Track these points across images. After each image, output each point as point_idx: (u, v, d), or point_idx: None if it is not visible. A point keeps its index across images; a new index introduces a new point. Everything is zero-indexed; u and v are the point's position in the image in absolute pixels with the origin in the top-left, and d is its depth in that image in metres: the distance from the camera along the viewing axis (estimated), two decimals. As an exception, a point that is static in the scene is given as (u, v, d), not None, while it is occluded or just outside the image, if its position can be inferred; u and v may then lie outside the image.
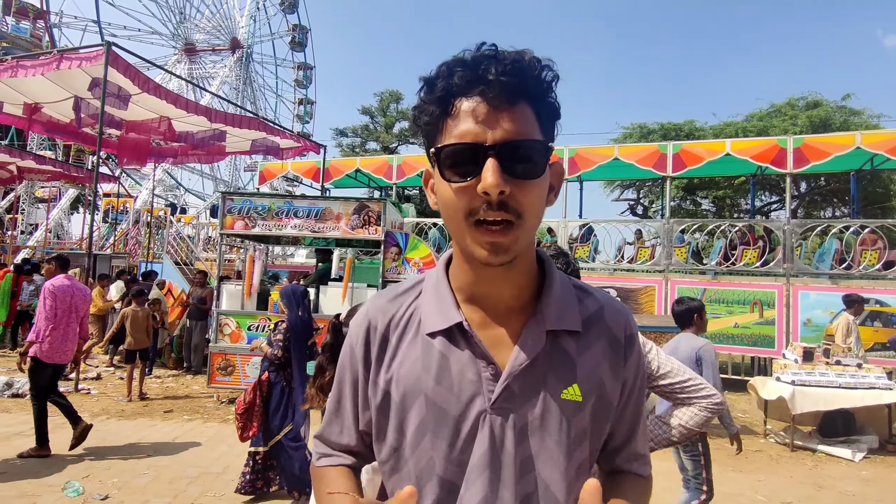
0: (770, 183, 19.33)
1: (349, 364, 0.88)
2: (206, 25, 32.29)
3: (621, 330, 0.83)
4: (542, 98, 0.73)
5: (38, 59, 8.52)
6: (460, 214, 0.72)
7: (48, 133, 12.55)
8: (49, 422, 5.01)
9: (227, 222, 7.11)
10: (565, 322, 0.79)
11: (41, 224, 21.10)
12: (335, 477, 0.88)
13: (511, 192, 0.69)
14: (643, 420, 0.88)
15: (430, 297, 0.83)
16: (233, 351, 6.94)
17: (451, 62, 0.72)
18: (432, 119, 0.74)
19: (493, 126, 0.69)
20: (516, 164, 0.69)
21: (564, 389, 0.76)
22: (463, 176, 0.70)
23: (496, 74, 0.68)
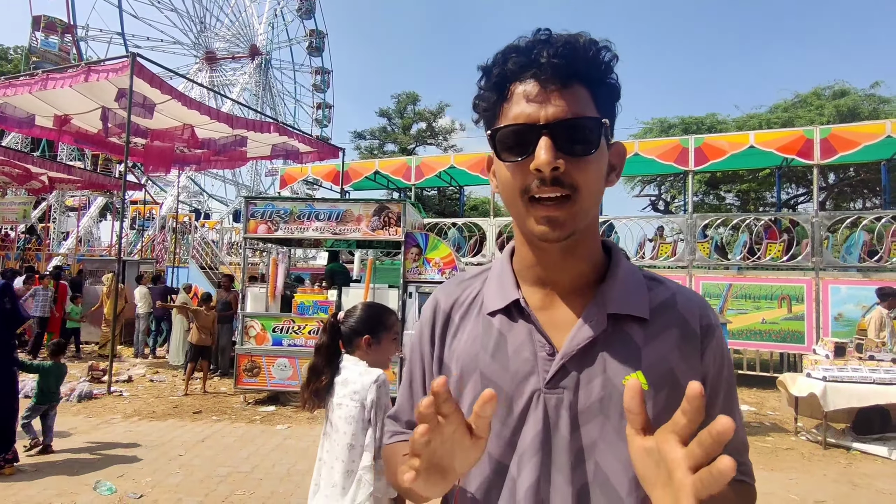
0: (796, 175, 18.87)
1: (418, 343, 0.92)
2: (226, 34, 32.85)
3: (696, 320, 0.79)
4: (597, 79, 0.73)
5: (67, 73, 8.80)
6: (516, 192, 0.73)
7: (77, 144, 12.93)
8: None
9: (251, 226, 7.23)
10: (630, 307, 0.77)
11: (72, 232, 21.73)
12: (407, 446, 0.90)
13: (566, 169, 0.70)
14: (739, 425, 0.80)
15: (493, 280, 0.86)
16: (258, 353, 7.05)
17: (505, 49, 0.74)
18: (489, 105, 0.76)
19: (546, 106, 0.70)
20: (570, 141, 0.70)
21: (627, 376, 0.73)
22: (518, 155, 0.72)
23: (548, 57, 0.70)
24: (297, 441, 5.58)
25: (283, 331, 7.07)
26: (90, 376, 8.00)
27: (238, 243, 15.68)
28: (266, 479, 4.51)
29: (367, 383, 1.83)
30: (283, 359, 7.00)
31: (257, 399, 7.29)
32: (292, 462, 4.93)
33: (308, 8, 35.19)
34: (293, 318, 7.09)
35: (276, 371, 7.01)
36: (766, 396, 8.01)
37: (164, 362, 10.04)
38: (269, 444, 5.45)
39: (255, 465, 4.82)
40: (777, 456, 5.45)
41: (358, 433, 1.81)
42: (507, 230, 11.82)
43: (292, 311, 7.16)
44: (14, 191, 17.67)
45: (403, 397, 0.95)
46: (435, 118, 31.89)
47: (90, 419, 6.16)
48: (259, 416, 6.61)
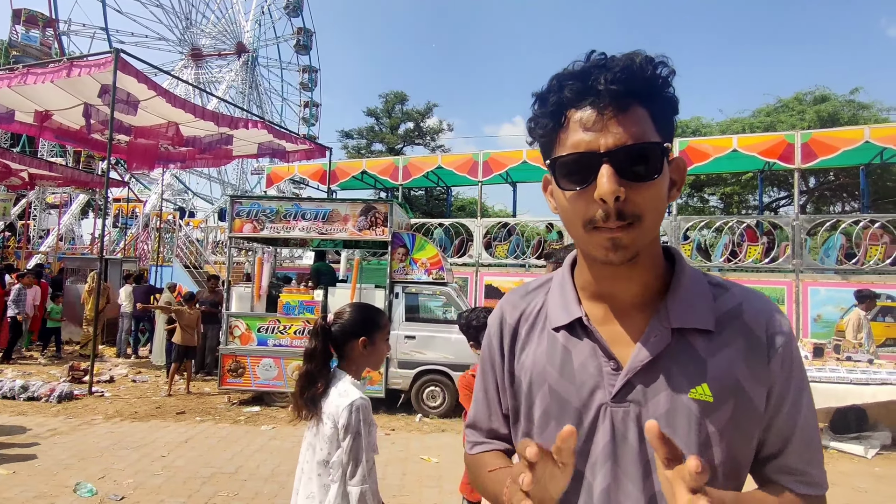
0: (778, 179, 19.21)
1: (488, 355, 0.94)
2: (212, 31, 32.51)
3: (762, 328, 0.78)
4: (656, 97, 0.73)
5: (48, 67, 8.64)
6: (578, 222, 0.74)
7: (58, 140, 12.71)
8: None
9: (236, 225, 7.18)
10: (694, 320, 0.76)
11: (53, 230, 21.35)
12: (492, 458, 0.92)
13: (628, 196, 0.69)
14: (807, 433, 0.78)
15: (556, 293, 0.87)
16: (243, 353, 7.00)
17: (561, 75, 0.74)
18: (546, 132, 0.76)
19: (606, 133, 0.70)
20: (631, 167, 0.70)
21: (693, 388, 0.74)
22: (578, 184, 0.72)
23: (605, 83, 0.69)
24: (281, 442, 5.55)
25: (268, 331, 7.02)
26: (70, 376, 7.87)
27: (223, 242, 15.53)
28: (250, 479, 4.48)
29: (341, 406, 1.77)
30: (269, 359, 6.96)
31: (242, 399, 7.23)
32: (277, 463, 4.90)
33: (295, 5, 34.96)
34: (279, 318, 7.05)
35: (261, 371, 6.96)
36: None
37: (146, 362, 9.91)
38: (254, 445, 5.41)
39: (239, 466, 4.79)
40: (757, 455, 5.54)
41: (332, 451, 1.80)
42: (494, 231, 11.87)
43: (278, 311, 7.12)
44: (-7, 187, 17.33)
45: (480, 406, 0.96)
46: (423, 118, 31.86)
47: (70, 420, 6.07)
48: (243, 416, 6.57)
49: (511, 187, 15.11)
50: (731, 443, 0.75)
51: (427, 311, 7.42)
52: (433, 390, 6.93)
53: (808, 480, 0.78)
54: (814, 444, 0.79)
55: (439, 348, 6.89)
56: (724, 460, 0.75)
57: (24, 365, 9.32)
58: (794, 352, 0.79)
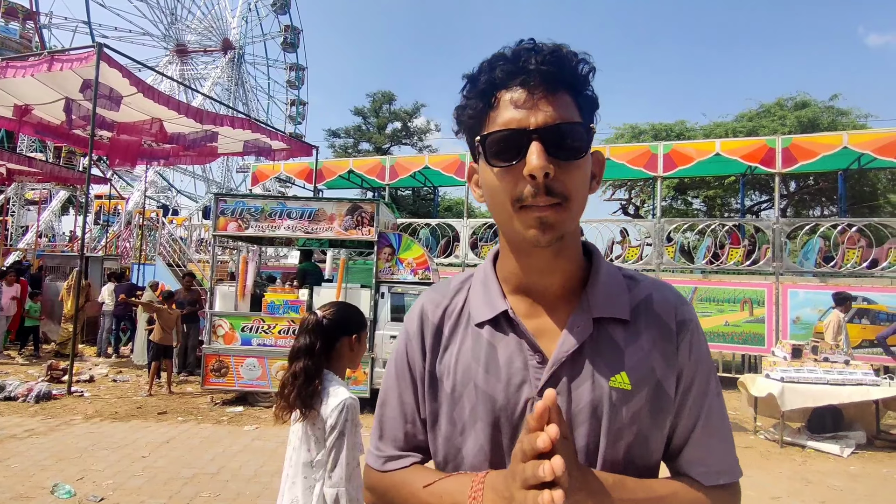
0: (760, 182, 19.52)
1: (406, 357, 0.89)
2: (198, 26, 32.13)
3: (671, 317, 0.80)
4: (580, 88, 0.75)
5: (29, 61, 8.47)
6: (507, 200, 0.73)
7: (38, 135, 12.45)
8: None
9: (220, 224, 7.11)
10: (612, 310, 0.78)
11: (32, 226, 20.91)
12: (419, 473, 0.84)
13: (556, 175, 0.70)
14: (715, 421, 0.80)
15: (478, 289, 0.85)
16: (226, 352, 6.93)
17: (492, 58, 0.75)
18: (476, 113, 0.76)
19: (536, 111, 0.71)
20: (560, 146, 0.71)
21: (612, 377, 0.76)
22: (508, 161, 0.72)
23: (536, 64, 0.71)
24: (265, 442, 5.51)
25: (252, 330, 6.97)
26: (49, 376, 7.73)
27: (207, 241, 15.35)
28: (233, 480, 4.44)
29: (331, 405, 1.76)
30: (253, 359, 6.91)
31: (225, 399, 7.17)
32: (260, 463, 4.87)
33: (283, 3, 34.69)
34: (263, 317, 7.00)
35: (245, 371, 6.90)
36: (728, 397, 8.25)
37: (127, 362, 9.77)
38: (237, 445, 5.37)
39: (221, 467, 4.74)
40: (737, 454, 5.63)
41: (320, 452, 1.79)
42: (480, 231, 11.90)
43: (262, 311, 7.07)
44: (-31, 182, 16.93)
45: (395, 414, 0.89)
46: (410, 118, 31.79)
47: (48, 420, 5.96)
48: (226, 416, 6.51)
49: (498, 188, 15.10)
50: (646, 430, 0.77)
51: (413, 311, 7.40)
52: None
53: (717, 469, 0.79)
54: (722, 430, 0.81)
55: (425, 348, 6.88)
56: (638, 448, 0.77)
57: (1, 364, 9.13)
58: (700, 339, 0.82)
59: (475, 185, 0.83)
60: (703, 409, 0.80)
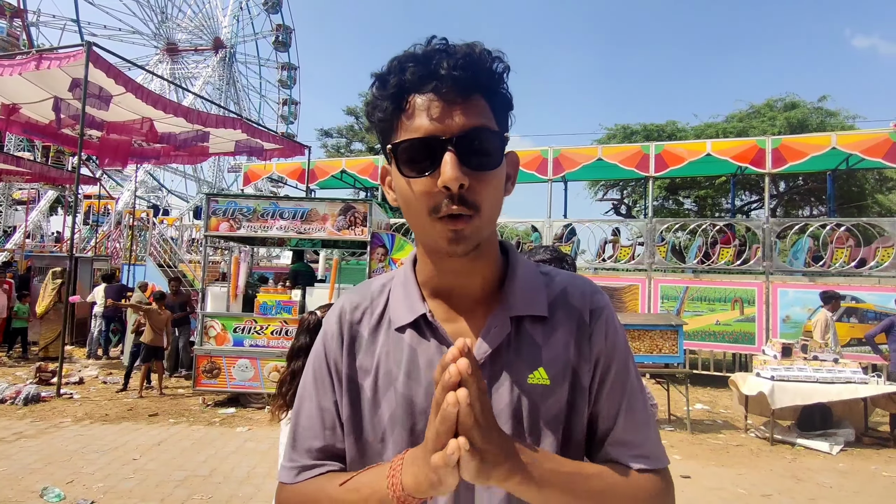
0: (750, 182, 19.68)
1: (325, 360, 0.84)
2: (189, 25, 31.91)
3: (585, 306, 0.81)
4: (494, 90, 0.73)
5: (16, 59, 8.38)
6: (423, 210, 0.72)
7: (26, 134, 12.32)
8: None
9: (212, 224, 7.06)
10: (530, 307, 0.78)
11: (20, 227, 20.68)
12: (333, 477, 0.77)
13: (470, 185, 0.69)
14: (636, 404, 0.80)
15: (398, 292, 0.84)
16: (218, 353, 6.89)
17: (402, 57, 0.72)
18: (386, 115, 0.73)
19: (449, 120, 0.69)
20: (473, 156, 0.69)
21: (531, 374, 0.76)
22: (421, 171, 0.70)
23: (448, 69, 0.68)
24: (257, 444, 5.48)
25: (244, 331, 6.93)
26: (38, 378, 7.65)
27: (198, 241, 15.25)
28: (225, 482, 4.42)
29: None
30: (245, 360, 6.87)
31: (217, 401, 7.12)
32: (252, 465, 4.84)
33: (275, 2, 34.54)
34: (255, 318, 6.96)
35: (237, 372, 6.87)
36: (719, 395, 8.33)
37: (117, 363, 9.68)
38: (229, 447, 5.34)
39: (213, 469, 4.71)
40: (728, 452, 5.68)
41: None
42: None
43: (254, 312, 7.04)
44: (-45, 182, 16.72)
45: (312, 422, 0.82)
46: (403, 118, 31.69)
47: (37, 423, 5.90)
48: (218, 418, 6.47)
49: (490, 188, 15.13)
50: (572, 425, 0.77)
51: (406, 311, 7.39)
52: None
53: (642, 453, 0.77)
54: (643, 417, 0.80)
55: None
56: (567, 442, 0.77)
57: (-12, 366, 9.03)
58: (614, 325, 0.82)
59: (388, 188, 0.81)
60: (623, 396, 0.79)
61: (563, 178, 13.39)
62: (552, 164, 11.02)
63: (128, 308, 8.98)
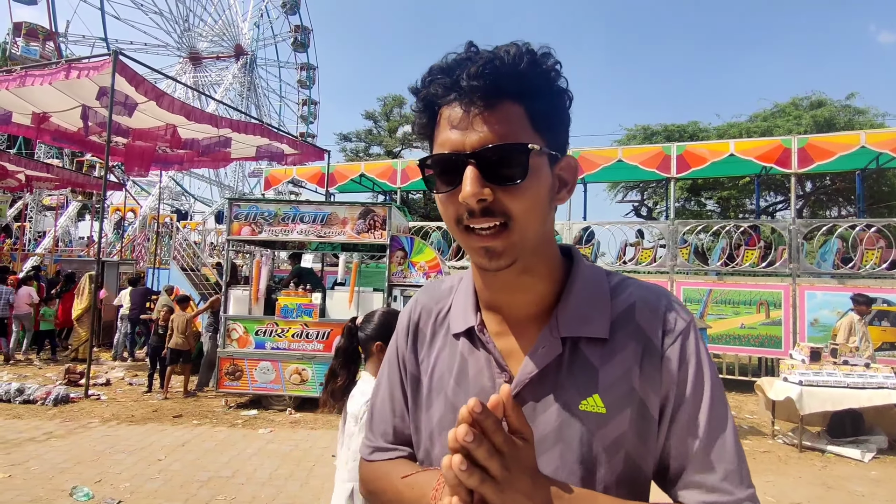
0: (775, 183, 19.28)
1: (396, 352, 0.89)
2: (210, 33, 32.51)
3: (657, 326, 0.73)
4: (531, 92, 0.68)
5: (47, 69, 8.63)
6: (451, 222, 0.71)
7: (56, 142, 12.67)
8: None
9: (234, 228, 7.17)
10: (586, 328, 0.73)
11: (49, 232, 21.26)
12: (402, 465, 0.82)
13: (496, 198, 0.66)
14: (712, 441, 0.69)
15: (460, 298, 0.83)
16: (241, 356, 6.98)
17: (433, 69, 0.70)
18: (422, 128, 0.74)
19: (470, 132, 0.66)
20: (496, 169, 0.66)
21: (584, 400, 0.70)
22: (447, 185, 0.69)
23: (468, 79, 0.66)
24: (279, 445, 5.53)
25: (266, 334, 7.01)
26: (67, 379, 7.84)
27: (220, 245, 15.49)
28: (247, 483, 4.46)
29: (355, 399, 1.88)
30: (266, 362, 6.94)
31: (239, 403, 7.21)
32: (274, 466, 4.88)
33: (293, 3, 34.96)
34: (276, 320, 7.04)
35: (259, 374, 6.94)
36: (745, 400, 8.15)
37: (143, 365, 9.86)
38: (251, 449, 5.39)
39: (236, 470, 4.77)
40: (755, 459, 5.55)
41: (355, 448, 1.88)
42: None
43: (276, 314, 7.11)
44: (-11, 189, 17.27)
45: (385, 406, 0.88)
46: (421, 121, 31.83)
47: (67, 423, 6.04)
48: (241, 419, 6.55)
49: (509, 191, 15.09)
50: (630, 456, 0.70)
51: (425, 314, 7.40)
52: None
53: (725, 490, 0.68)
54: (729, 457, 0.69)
55: (437, 352, 6.88)
56: (622, 476, 0.70)
57: (20, 367, 9.29)
58: (693, 350, 0.72)
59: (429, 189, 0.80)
60: (700, 433, 0.69)
61: (582, 181, 13.28)
62: (571, 165, 10.93)
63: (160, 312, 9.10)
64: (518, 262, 0.70)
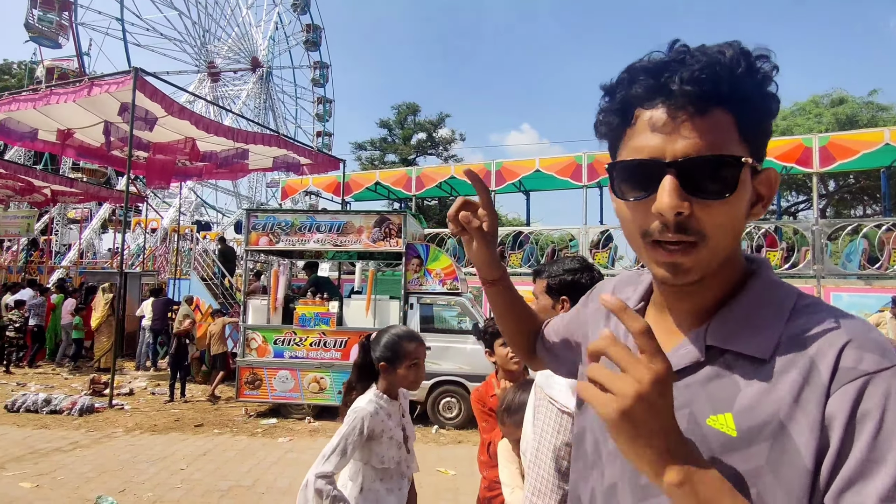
0: (796, 182, 18.93)
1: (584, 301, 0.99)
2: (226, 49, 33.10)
3: (830, 359, 0.58)
4: (745, 99, 0.62)
5: (70, 88, 8.89)
6: (635, 232, 0.66)
7: (80, 157, 13.01)
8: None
9: (253, 238, 7.26)
10: (741, 343, 0.64)
11: (74, 244, 21.77)
12: None
13: (692, 212, 0.61)
14: None
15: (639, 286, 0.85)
16: (260, 365, 7.04)
17: (633, 68, 0.66)
18: (611, 130, 0.69)
19: (674, 139, 0.61)
20: (700, 181, 0.61)
21: (713, 416, 0.62)
22: (637, 194, 0.65)
23: (680, 83, 0.60)
24: (298, 454, 5.56)
25: (284, 343, 7.07)
26: (91, 389, 7.99)
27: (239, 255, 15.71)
28: (268, 493, 4.49)
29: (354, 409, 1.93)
30: (285, 371, 7.00)
31: (259, 411, 7.27)
32: (294, 476, 4.90)
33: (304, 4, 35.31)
34: (294, 329, 7.09)
35: (278, 383, 6.99)
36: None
37: (165, 374, 10.01)
38: (271, 458, 5.43)
39: (256, 479, 4.80)
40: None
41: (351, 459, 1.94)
42: (508, 239, 11.84)
43: (294, 323, 7.17)
44: (17, 204, 17.74)
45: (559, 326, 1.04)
46: (435, 128, 32.05)
47: (91, 433, 6.15)
48: (261, 428, 6.60)
49: (524, 196, 15.09)
50: (763, 496, 0.59)
51: (442, 321, 7.41)
52: (449, 401, 6.90)
53: None
54: None
55: (454, 359, 6.87)
56: None
57: (46, 377, 9.49)
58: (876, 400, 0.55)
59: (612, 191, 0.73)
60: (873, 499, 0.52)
61: (598, 184, 13.18)
62: (587, 169, 10.88)
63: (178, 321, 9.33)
64: (703, 278, 0.66)
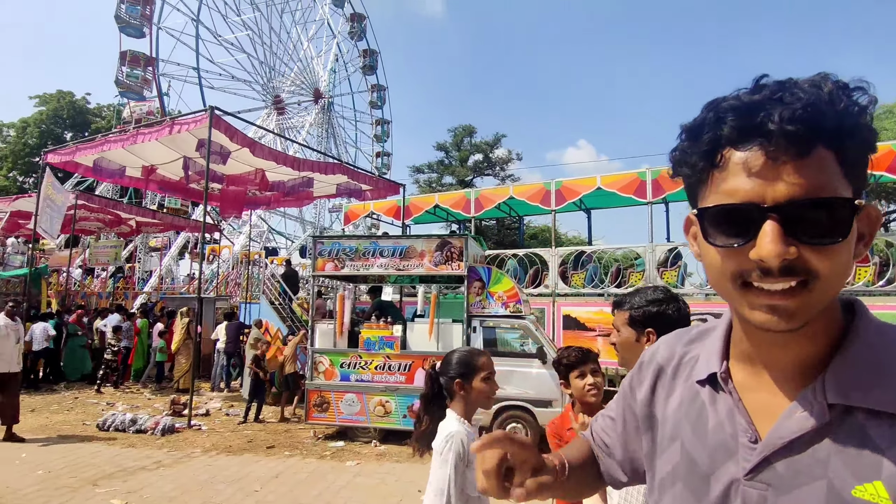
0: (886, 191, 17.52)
1: (629, 383, 0.89)
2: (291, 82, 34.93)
3: None
4: (847, 136, 0.57)
5: (154, 127, 9.64)
6: (726, 277, 0.62)
7: (161, 191, 14.02)
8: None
9: (319, 264, 7.49)
10: (868, 398, 0.59)
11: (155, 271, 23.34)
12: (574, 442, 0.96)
13: (801, 256, 0.57)
14: None
15: (709, 343, 0.76)
16: (327, 388, 7.19)
17: (719, 106, 0.61)
18: (694, 172, 0.64)
19: (776, 182, 0.57)
20: (807, 226, 0.57)
21: (859, 485, 0.57)
22: (733, 239, 0.60)
23: (779, 123, 0.56)
24: (366, 478, 5.59)
25: (350, 366, 7.19)
26: (172, 410, 8.43)
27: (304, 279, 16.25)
28: (338, 518, 4.52)
29: (439, 438, 1.91)
30: (351, 394, 7.10)
31: (326, 434, 7.40)
32: (362, 500, 4.93)
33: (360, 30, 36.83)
34: (360, 353, 7.21)
35: (345, 406, 7.11)
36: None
37: (238, 396, 10.43)
38: (340, 481, 5.49)
39: (327, 503, 4.86)
40: None
41: None
42: (570, 258, 11.60)
43: (359, 347, 7.29)
44: (106, 235, 19.32)
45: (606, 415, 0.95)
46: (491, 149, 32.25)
47: (173, 453, 6.47)
48: (329, 451, 6.70)
49: (585, 214, 14.79)
50: None
51: (505, 344, 7.31)
52: (515, 426, 6.75)
53: None
54: None
55: (519, 383, 6.73)
56: None
57: (132, 397, 10.12)
58: None
59: (692, 238, 0.70)
60: None
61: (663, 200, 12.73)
62: (651, 185, 10.53)
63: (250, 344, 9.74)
64: (808, 323, 0.60)
